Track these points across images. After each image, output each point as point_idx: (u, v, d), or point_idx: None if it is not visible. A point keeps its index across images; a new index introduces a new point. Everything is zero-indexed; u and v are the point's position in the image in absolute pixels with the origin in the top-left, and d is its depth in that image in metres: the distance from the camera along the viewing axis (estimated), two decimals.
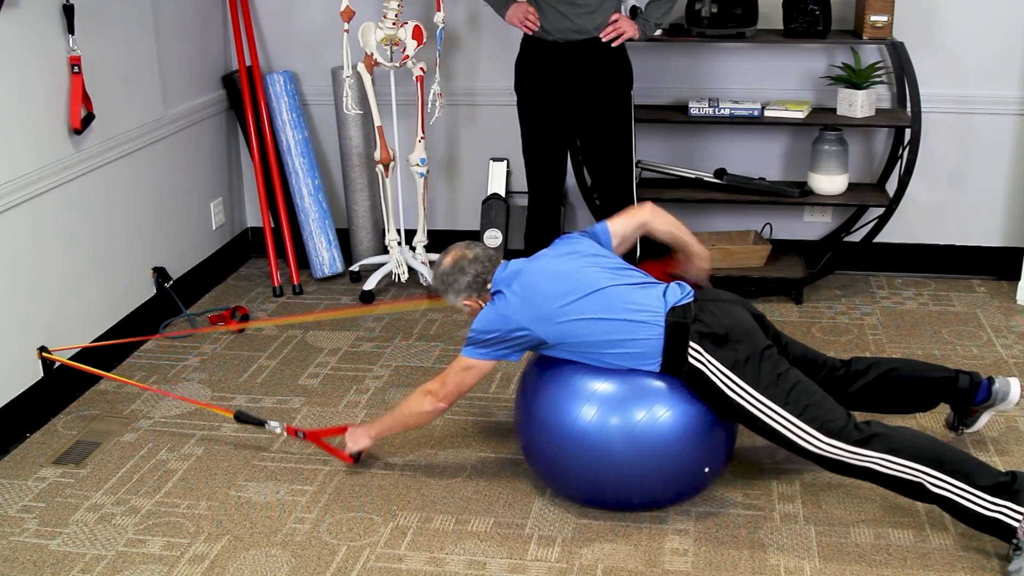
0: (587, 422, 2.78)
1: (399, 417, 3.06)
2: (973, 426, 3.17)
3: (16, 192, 3.35)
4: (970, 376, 3.08)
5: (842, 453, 2.68)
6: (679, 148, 4.63)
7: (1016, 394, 3.09)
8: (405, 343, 4.06)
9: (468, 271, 2.93)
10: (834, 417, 2.70)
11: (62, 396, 3.61)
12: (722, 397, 2.75)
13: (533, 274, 2.88)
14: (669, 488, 2.86)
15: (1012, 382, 3.09)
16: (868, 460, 2.66)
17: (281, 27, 4.76)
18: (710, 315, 2.78)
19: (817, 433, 2.69)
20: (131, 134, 4.00)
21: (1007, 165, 4.43)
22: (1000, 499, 2.59)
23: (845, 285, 4.53)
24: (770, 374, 2.73)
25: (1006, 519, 2.58)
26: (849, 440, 2.67)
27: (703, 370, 2.74)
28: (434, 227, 4.86)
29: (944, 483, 2.62)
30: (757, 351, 2.75)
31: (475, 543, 2.82)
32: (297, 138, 4.68)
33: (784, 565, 2.69)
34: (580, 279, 2.84)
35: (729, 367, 2.73)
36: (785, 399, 2.71)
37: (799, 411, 2.70)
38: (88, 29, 3.68)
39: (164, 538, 2.87)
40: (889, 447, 2.66)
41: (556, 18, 3.80)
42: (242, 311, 4.22)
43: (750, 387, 2.72)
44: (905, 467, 2.64)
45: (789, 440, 2.72)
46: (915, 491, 2.67)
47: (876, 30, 4.07)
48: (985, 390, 3.08)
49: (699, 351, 2.74)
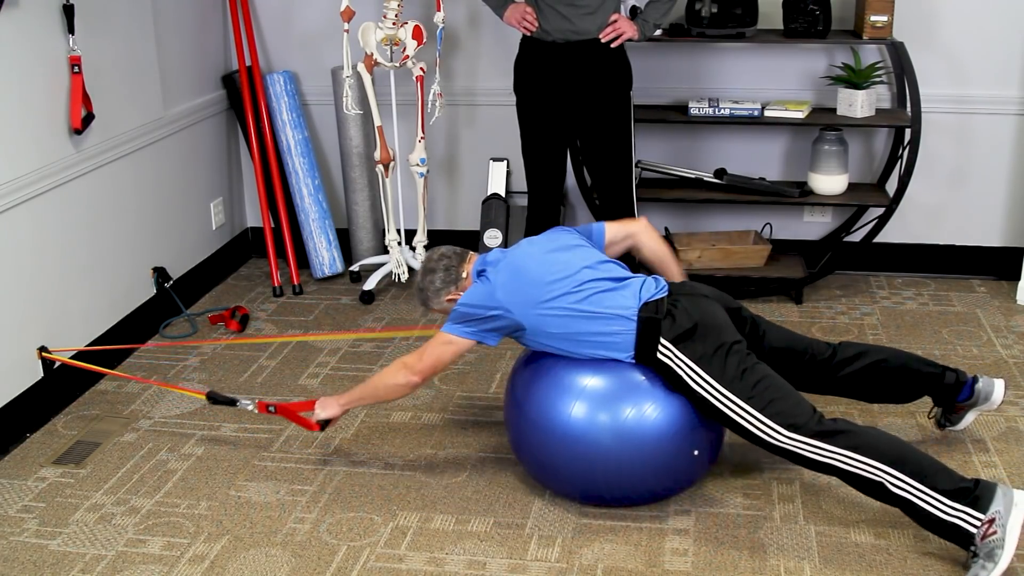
0: (575, 417, 2.79)
1: (372, 388, 3.02)
2: (959, 424, 3.19)
3: (16, 192, 3.35)
4: (956, 373, 3.10)
5: (804, 448, 2.69)
6: (679, 148, 4.63)
7: (999, 395, 3.11)
8: (405, 343, 4.06)
9: (437, 268, 3.00)
10: (798, 412, 2.71)
11: (62, 396, 3.61)
12: (690, 391, 2.77)
13: (522, 257, 2.92)
14: (662, 479, 2.87)
15: (997, 383, 3.11)
16: (829, 456, 2.67)
17: (281, 27, 4.76)
18: (680, 310, 2.81)
19: (779, 427, 2.70)
20: (131, 134, 4.00)
21: (1007, 165, 4.43)
22: (960, 504, 2.57)
23: (845, 285, 4.53)
24: (735, 368, 2.74)
25: (965, 525, 2.56)
26: (811, 435, 2.68)
27: (670, 364, 2.77)
28: (434, 227, 4.86)
29: (904, 484, 2.61)
30: (724, 345, 2.77)
31: (475, 543, 2.82)
32: (297, 138, 4.68)
33: (784, 565, 2.69)
34: (565, 270, 2.87)
35: (695, 361, 2.75)
36: (749, 393, 2.72)
37: (762, 405, 2.71)
38: (88, 29, 3.68)
39: (164, 538, 2.87)
40: (851, 444, 2.66)
41: (556, 19, 3.80)
42: (242, 311, 4.22)
43: (715, 381, 2.74)
44: (866, 465, 2.64)
45: (752, 434, 2.74)
46: (876, 490, 2.66)
47: (876, 30, 4.07)
48: (969, 388, 3.10)
49: (667, 345, 2.77)
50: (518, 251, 2.96)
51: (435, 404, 3.58)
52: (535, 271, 2.86)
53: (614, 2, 3.84)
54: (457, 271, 2.99)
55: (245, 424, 3.46)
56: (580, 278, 2.85)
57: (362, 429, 3.41)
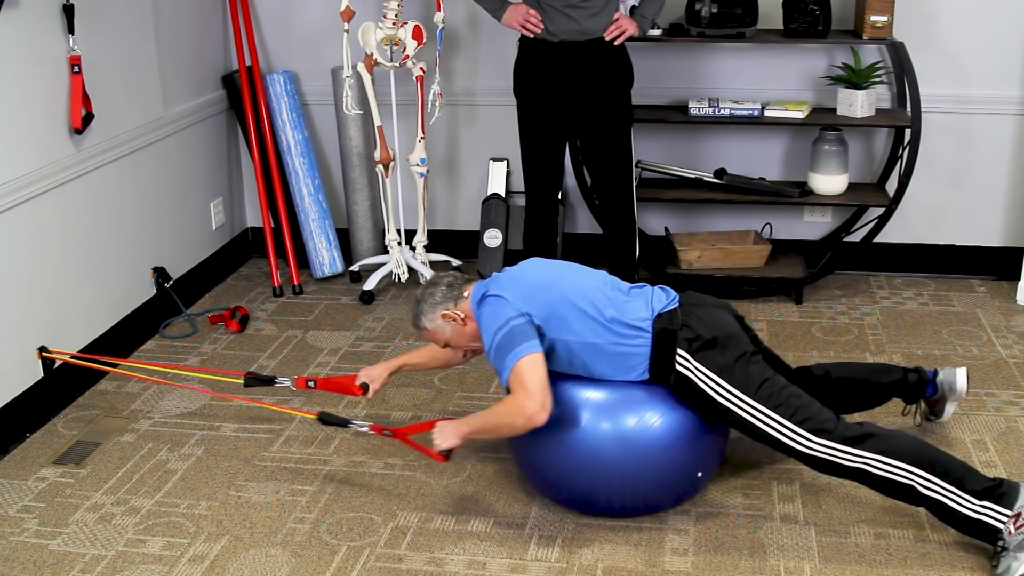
0: (579, 430, 2.76)
1: (495, 424, 2.75)
2: (942, 415, 3.24)
3: (16, 192, 3.35)
4: (918, 372, 3.15)
5: (835, 454, 2.68)
6: (679, 148, 4.63)
7: (962, 383, 3.15)
8: (405, 343, 4.06)
9: (440, 283, 2.92)
10: (825, 418, 2.71)
11: (62, 396, 3.61)
12: (712, 403, 2.74)
13: (519, 273, 2.86)
14: (663, 494, 2.86)
15: (958, 372, 3.15)
16: (860, 461, 2.67)
17: (281, 27, 4.76)
18: (696, 320, 2.77)
19: (809, 434, 2.69)
20: (131, 134, 4.00)
21: (1007, 165, 4.43)
22: (987, 502, 2.61)
23: (845, 285, 4.53)
24: (759, 378, 2.73)
25: (992, 521, 2.60)
26: (841, 440, 2.68)
27: (691, 377, 2.74)
28: (434, 227, 4.86)
29: (935, 486, 2.63)
30: (744, 355, 2.76)
31: (475, 543, 2.82)
32: (297, 138, 4.68)
33: (784, 566, 2.69)
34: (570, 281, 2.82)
35: (717, 372, 2.72)
36: (776, 402, 2.71)
37: (790, 413, 2.70)
38: (88, 29, 3.68)
39: (164, 538, 2.87)
40: (881, 448, 2.66)
41: (562, 20, 3.79)
42: (242, 311, 4.22)
43: (739, 391, 2.72)
44: (897, 469, 2.65)
45: (781, 443, 2.72)
46: (906, 493, 2.67)
47: (876, 30, 4.07)
48: (932, 384, 3.16)
49: (686, 358, 2.74)
50: (517, 267, 2.91)
51: (435, 404, 3.58)
52: (542, 278, 2.82)
53: (616, 1, 3.85)
54: (460, 289, 2.91)
55: (245, 424, 3.46)
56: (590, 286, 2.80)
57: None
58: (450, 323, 2.88)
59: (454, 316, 2.87)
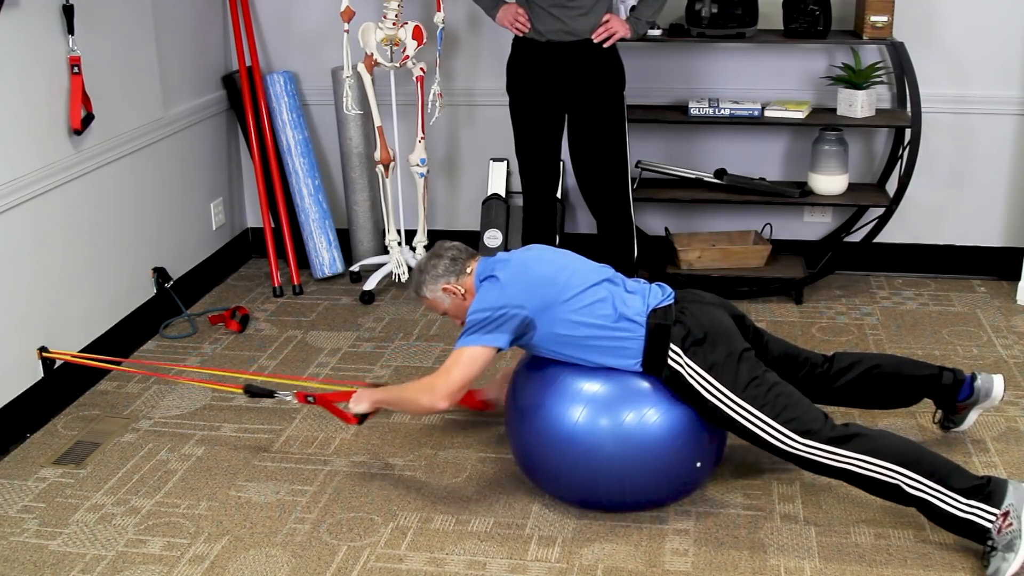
0: (576, 424, 2.77)
1: (399, 398, 2.93)
2: (962, 424, 3.18)
3: (16, 192, 3.35)
4: (953, 373, 3.09)
5: (820, 454, 2.68)
6: (679, 148, 4.63)
7: (999, 391, 3.09)
8: (405, 343, 4.06)
9: (444, 255, 2.95)
10: (811, 418, 2.71)
11: (62, 396, 3.61)
12: (701, 400, 2.75)
13: (531, 258, 2.89)
14: (662, 487, 2.86)
15: (995, 379, 3.10)
16: (845, 461, 2.67)
17: (281, 27, 4.76)
18: (690, 317, 2.79)
19: (794, 434, 2.69)
20: (131, 134, 4.00)
21: (1007, 165, 4.43)
22: (975, 500, 2.59)
23: (845, 285, 4.53)
24: (747, 376, 2.73)
25: (980, 520, 2.58)
26: (826, 440, 2.68)
27: (681, 372, 2.75)
28: (434, 227, 4.86)
29: (921, 485, 2.62)
30: (735, 353, 2.76)
31: (475, 543, 2.82)
32: (297, 138, 4.68)
33: (784, 565, 2.69)
34: (576, 272, 2.85)
35: (707, 369, 2.73)
36: (762, 401, 2.71)
37: (776, 413, 2.70)
38: (88, 29, 3.68)
39: (164, 538, 2.87)
40: (866, 448, 2.66)
41: (548, 20, 3.79)
42: (242, 311, 4.22)
43: (727, 389, 2.73)
44: (883, 468, 2.65)
45: (767, 442, 2.73)
46: (892, 493, 2.67)
47: (876, 30, 4.07)
48: (968, 387, 3.09)
49: (678, 353, 2.75)
50: (526, 253, 2.94)
51: None
52: (547, 271, 2.84)
53: (606, 2, 3.84)
54: (463, 264, 2.94)
55: (245, 424, 3.46)
56: (591, 279, 2.84)
57: (362, 429, 3.40)
58: (450, 296, 2.93)
59: (455, 290, 2.92)
